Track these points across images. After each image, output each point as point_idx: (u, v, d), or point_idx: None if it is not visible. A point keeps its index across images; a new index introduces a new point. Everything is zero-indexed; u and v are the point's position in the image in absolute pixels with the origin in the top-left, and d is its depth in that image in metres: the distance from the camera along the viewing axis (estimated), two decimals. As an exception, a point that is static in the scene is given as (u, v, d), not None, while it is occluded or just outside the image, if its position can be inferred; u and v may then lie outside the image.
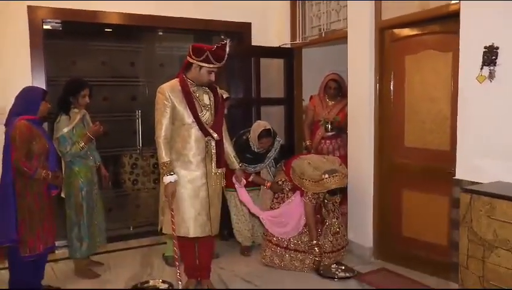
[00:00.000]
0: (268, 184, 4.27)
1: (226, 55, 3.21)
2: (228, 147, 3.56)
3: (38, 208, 3.29)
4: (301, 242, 4.01)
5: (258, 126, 4.21)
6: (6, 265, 3.47)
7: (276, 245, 4.05)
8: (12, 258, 3.34)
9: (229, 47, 3.20)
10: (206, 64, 3.19)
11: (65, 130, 3.72)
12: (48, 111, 3.50)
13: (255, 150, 4.24)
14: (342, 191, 3.95)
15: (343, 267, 3.97)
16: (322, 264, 3.95)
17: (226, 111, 3.85)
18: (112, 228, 4.95)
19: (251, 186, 4.26)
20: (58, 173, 3.46)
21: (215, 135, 3.28)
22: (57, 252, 4.45)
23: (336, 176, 3.78)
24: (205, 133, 3.26)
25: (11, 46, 4.35)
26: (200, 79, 3.27)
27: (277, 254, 4.04)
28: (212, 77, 3.27)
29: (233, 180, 3.74)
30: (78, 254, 3.87)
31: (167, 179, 3.16)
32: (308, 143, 4.97)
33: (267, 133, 4.16)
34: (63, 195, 3.84)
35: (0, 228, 3.23)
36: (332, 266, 3.99)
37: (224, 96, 3.97)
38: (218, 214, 3.48)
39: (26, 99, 3.35)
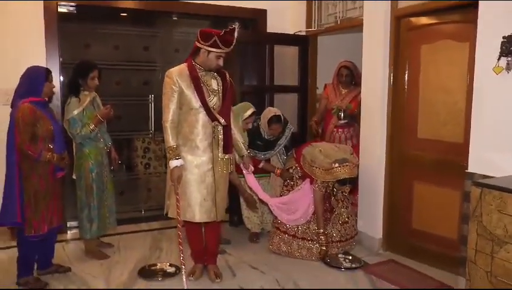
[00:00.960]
0: (278, 171, 4.26)
1: (235, 41, 3.19)
2: (236, 134, 3.56)
3: (43, 189, 3.31)
4: (309, 230, 4.00)
5: (269, 112, 4.21)
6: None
7: (284, 232, 4.04)
8: (19, 238, 3.40)
9: (237, 32, 3.17)
10: (214, 49, 3.17)
11: (75, 112, 3.75)
12: (52, 92, 3.50)
13: (266, 137, 4.23)
14: (352, 182, 3.91)
15: (350, 258, 3.94)
16: (328, 253, 3.93)
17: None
18: (123, 210, 5.02)
19: (260, 173, 4.26)
20: (64, 155, 3.45)
21: (222, 120, 3.27)
22: (68, 232, 4.51)
23: (346, 165, 3.74)
24: (212, 118, 3.25)
25: (26, 28, 4.40)
26: (208, 64, 3.26)
27: (285, 242, 4.03)
28: (220, 61, 3.25)
29: (241, 166, 3.74)
30: (88, 235, 3.92)
31: (173, 163, 3.18)
32: (314, 119, 4.93)
33: (277, 119, 4.14)
34: (74, 177, 3.88)
35: (5, 210, 3.27)
36: (340, 255, 3.97)
37: (250, 112, 4.05)
38: (224, 199, 3.50)
39: (30, 80, 3.33)
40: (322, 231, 3.94)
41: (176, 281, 3.50)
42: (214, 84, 3.33)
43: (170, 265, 3.80)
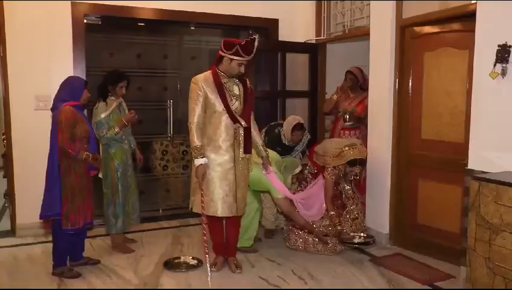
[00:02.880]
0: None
1: (255, 49, 3.48)
2: (256, 136, 3.82)
3: (79, 186, 3.62)
4: (323, 227, 4.23)
5: (293, 120, 4.53)
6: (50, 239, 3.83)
7: (300, 229, 4.28)
8: (56, 231, 3.68)
9: (258, 42, 3.47)
10: (236, 57, 3.48)
11: (102, 115, 4.07)
12: (88, 99, 3.81)
13: (285, 143, 4.54)
14: (362, 164, 4.19)
15: (362, 235, 4.22)
16: (344, 230, 4.15)
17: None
18: (143, 209, 5.27)
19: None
20: (97, 156, 3.80)
21: (243, 122, 3.55)
22: (94, 229, 4.81)
23: (356, 148, 4.06)
24: (234, 120, 3.53)
25: (56, 38, 4.72)
26: (230, 71, 3.55)
27: (301, 237, 4.28)
28: (242, 69, 3.55)
29: (261, 167, 3.95)
30: (114, 230, 4.21)
31: (198, 161, 3.47)
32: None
33: (300, 127, 4.50)
34: (100, 175, 4.17)
35: (47, 203, 3.58)
36: (352, 234, 4.20)
37: (298, 170, 4.37)
38: (245, 196, 3.76)
39: (71, 87, 3.68)
40: (333, 212, 4.16)
41: (200, 272, 3.78)
42: (236, 89, 3.63)
43: (193, 258, 4.07)
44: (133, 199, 4.34)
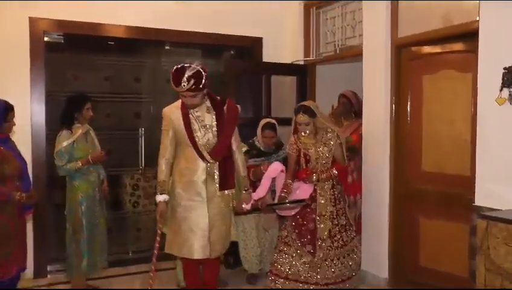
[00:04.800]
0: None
1: (186, 81, 3.24)
2: (240, 166, 3.69)
3: (12, 229, 3.42)
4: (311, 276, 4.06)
5: (264, 120, 4.60)
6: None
7: (285, 278, 4.09)
8: None
9: (192, 72, 3.24)
10: (174, 87, 3.35)
11: (64, 143, 3.99)
12: (11, 127, 3.57)
13: (262, 149, 4.54)
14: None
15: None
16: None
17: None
18: (109, 252, 5.11)
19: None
20: (32, 193, 3.56)
21: (208, 158, 3.47)
22: (48, 276, 4.63)
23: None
24: (199, 155, 3.47)
25: (12, 57, 4.61)
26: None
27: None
28: (188, 100, 3.39)
29: (243, 205, 3.80)
30: (75, 272, 4.06)
31: (158, 198, 3.51)
32: None
33: (270, 126, 4.48)
34: (66, 212, 4.08)
35: None
36: None
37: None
38: (222, 236, 3.63)
39: None
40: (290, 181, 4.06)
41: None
42: (208, 119, 3.52)
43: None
44: (101, 238, 4.22)
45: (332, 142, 4.04)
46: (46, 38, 4.84)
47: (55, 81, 5.23)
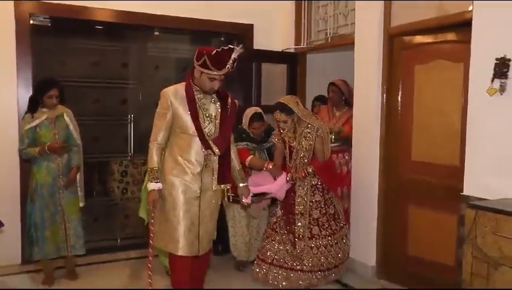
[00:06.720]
0: (270, 166, 4.27)
1: (231, 64, 3.18)
2: (235, 160, 3.60)
3: None
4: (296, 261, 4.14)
5: (249, 111, 4.52)
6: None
7: (270, 263, 4.16)
8: None
9: (236, 53, 3.17)
10: (206, 70, 3.20)
11: (25, 127, 4.05)
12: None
13: (251, 135, 4.53)
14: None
15: None
16: None
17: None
18: (97, 239, 5.13)
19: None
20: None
21: (216, 150, 3.33)
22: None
23: None
24: (206, 146, 3.32)
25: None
26: (202, 86, 3.31)
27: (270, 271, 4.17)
28: (215, 85, 3.28)
29: (242, 199, 3.74)
30: (28, 256, 4.21)
31: (151, 186, 3.28)
32: None
33: (258, 117, 4.43)
34: None
35: None
36: None
37: None
38: (210, 233, 3.54)
39: None
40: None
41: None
42: (212, 109, 3.39)
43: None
44: (71, 225, 4.20)
45: (310, 136, 4.09)
46: (32, 22, 4.75)
47: (43, 67, 5.15)
